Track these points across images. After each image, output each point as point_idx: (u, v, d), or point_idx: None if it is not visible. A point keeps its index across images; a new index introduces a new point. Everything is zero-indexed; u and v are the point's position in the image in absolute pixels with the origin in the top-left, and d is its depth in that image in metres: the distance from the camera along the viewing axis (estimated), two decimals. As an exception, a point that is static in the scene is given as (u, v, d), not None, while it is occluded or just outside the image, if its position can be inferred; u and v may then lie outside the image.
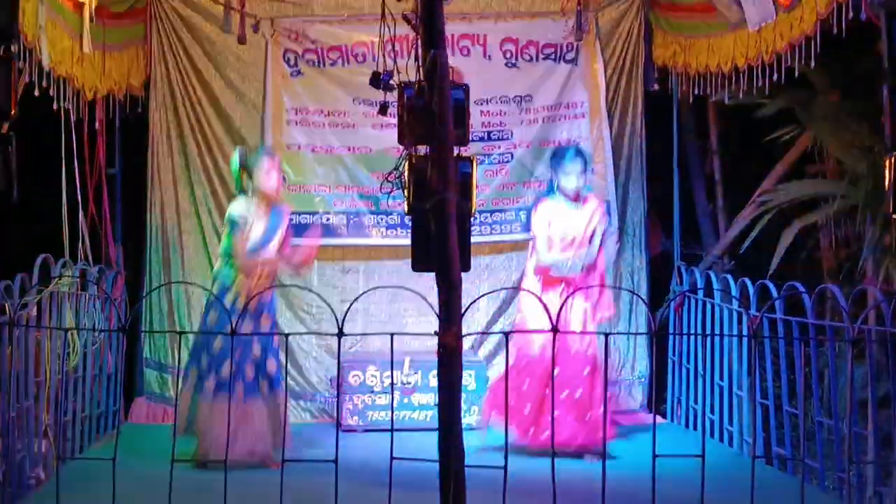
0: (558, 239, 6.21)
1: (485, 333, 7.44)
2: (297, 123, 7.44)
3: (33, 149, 6.92)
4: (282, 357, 6.02)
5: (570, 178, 6.22)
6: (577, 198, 6.27)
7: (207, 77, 7.44)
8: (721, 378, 6.61)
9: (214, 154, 7.42)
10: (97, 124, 6.86)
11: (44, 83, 5.89)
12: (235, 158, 6.00)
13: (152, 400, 7.37)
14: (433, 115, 3.77)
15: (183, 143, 7.44)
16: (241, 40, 7.27)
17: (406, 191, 4.12)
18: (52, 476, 5.09)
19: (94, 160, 6.87)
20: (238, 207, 5.92)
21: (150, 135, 7.43)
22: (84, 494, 4.57)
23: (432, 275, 3.76)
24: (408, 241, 3.97)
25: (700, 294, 6.87)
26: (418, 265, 3.91)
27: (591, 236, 6.24)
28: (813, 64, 5.90)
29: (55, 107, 6.18)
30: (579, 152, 6.36)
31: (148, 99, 7.40)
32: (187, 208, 7.46)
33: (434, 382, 6.63)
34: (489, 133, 7.56)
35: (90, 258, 6.74)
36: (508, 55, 7.56)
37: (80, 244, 6.62)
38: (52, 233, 6.47)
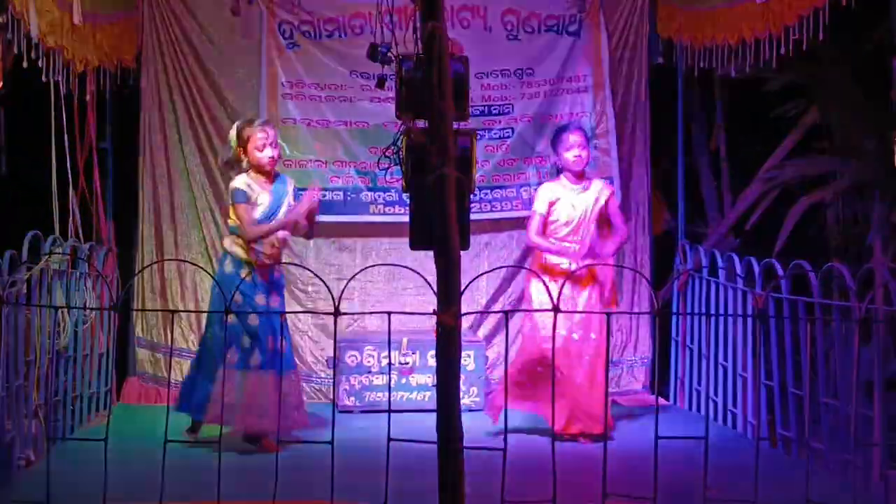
0: (563, 223, 6.07)
1: (484, 313, 7.36)
2: (292, 97, 7.33)
3: (22, 123, 6.86)
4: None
5: (573, 150, 6.08)
6: (581, 176, 6.13)
7: (200, 49, 7.31)
8: (725, 359, 6.55)
9: (207, 128, 7.31)
10: (88, 97, 6.74)
11: (33, 55, 5.82)
12: (233, 134, 5.88)
13: (145, 380, 7.28)
14: (432, 89, 3.69)
15: (175, 117, 7.32)
16: (236, 11, 7.14)
17: (404, 166, 4.06)
18: (43, 457, 5.02)
19: (85, 134, 6.79)
20: (240, 180, 5.80)
21: (142, 108, 7.31)
22: (75, 475, 4.51)
23: (431, 253, 3.68)
24: (406, 219, 3.91)
25: (704, 273, 6.79)
26: (416, 243, 3.85)
27: (597, 217, 6.10)
28: (821, 37, 5.79)
29: (45, 79, 6.09)
30: (579, 126, 6.24)
31: (140, 71, 7.27)
32: (180, 183, 7.34)
33: (432, 362, 6.54)
34: (489, 107, 7.45)
35: (81, 234, 6.65)
36: (509, 27, 7.44)
37: (71, 220, 6.53)
38: (42, 209, 6.38)
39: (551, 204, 6.09)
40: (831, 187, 7.10)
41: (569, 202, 6.09)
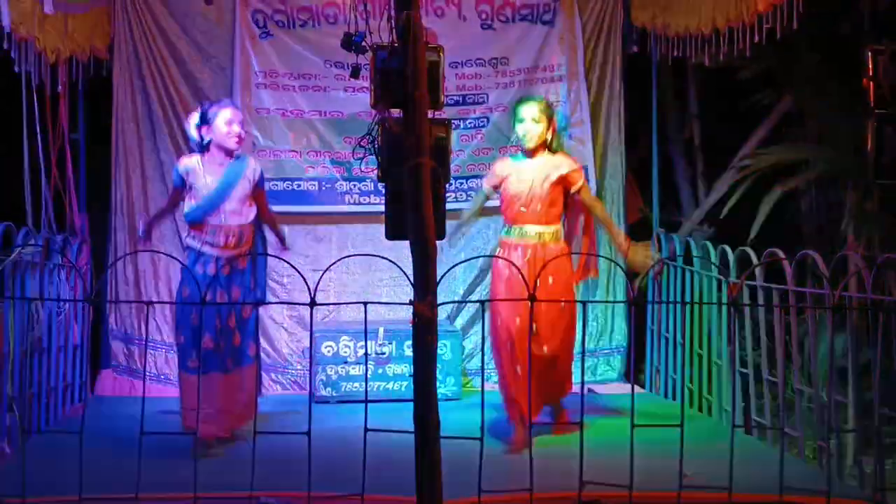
0: (512, 196, 5.75)
1: (460, 302, 7.36)
2: (266, 86, 7.30)
3: (-7, 113, 6.78)
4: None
5: (524, 124, 5.70)
6: (533, 153, 5.76)
7: (173, 38, 7.26)
8: (700, 347, 6.57)
9: (181, 118, 7.24)
10: (60, 88, 6.68)
11: (4, 45, 5.76)
12: (195, 115, 5.67)
13: (119, 372, 7.24)
14: (406, 79, 3.67)
15: (148, 107, 7.27)
16: (208, 1, 7.10)
17: (379, 156, 4.04)
18: (18, 450, 4.97)
19: (57, 125, 6.72)
20: (183, 162, 5.60)
21: (115, 98, 7.25)
22: (50, 468, 4.48)
23: (406, 243, 3.67)
24: (381, 208, 3.89)
25: (679, 261, 6.81)
26: (392, 233, 3.84)
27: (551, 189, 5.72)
28: (795, 25, 5.80)
29: (16, 69, 6.03)
30: (537, 99, 5.89)
31: (112, 61, 7.21)
32: (153, 174, 7.29)
33: (409, 352, 6.52)
34: (464, 97, 7.44)
35: (54, 226, 6.61)
36: (484, 16, 7.43)
37: (44, 212, 6.48)
38: (15, 200, 6.34)
39: (501, 179, 5.81)
40: (805, 175, 7.12)
41: (518, 174, 5.77)
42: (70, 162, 6.91)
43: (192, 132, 5.64)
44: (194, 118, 5.64)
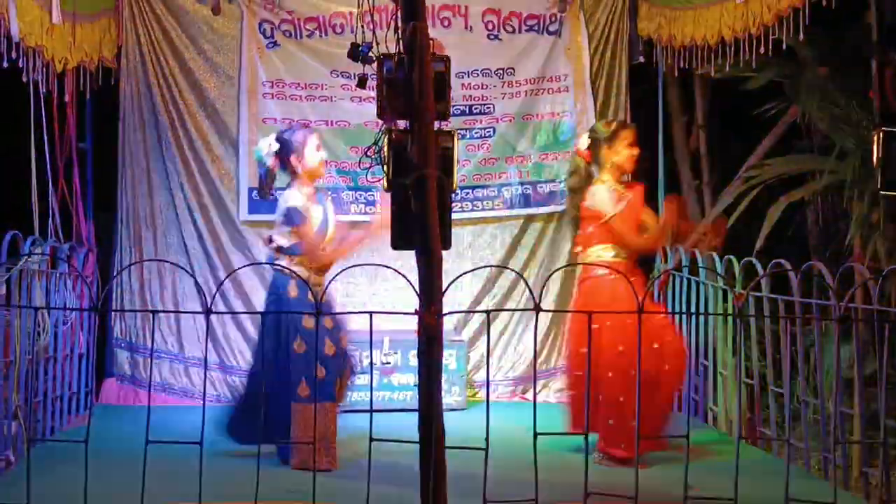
0: None
1: (466, 312, 7.34)
2: (272, 96, 7.32)
3: (1, 123, 6.80)
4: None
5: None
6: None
7: (181, 48, 7.29)
8: (706, 357, 6.55)
9: (188, 127, 7.28)
10: (67, 97, 6.70)
11: (13, 54, 5.76)
12: (268, 145, 5.45)
13: (123, 381, 7.24)
14: (413, 89, 3.67)
15: (155, 117, 7.29)
16: (216, 10, 7.16)
17: (385, 166, 4.04)
18: (23, 458, 4.98)
19: (65, 134, 6.74)
20: (296, 198, 5.27)
21: (121, 108, 7.28)
22: (55, 477, 4.48)
23: (412, 253, 3.67)
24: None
25: (685, 272, 6.80)
26: (398, 243, 3.83)
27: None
28: (801, 36, 5.81)
29: (24, 79, 6.04)
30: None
31: (119, 71, 7.23)
32: (159, 183, 7.31)
33: (414, 362, 6.52)
34: (470, 107, 7.45)
35: (60, 235, 6.61)
36: (490, 27, 7.45)
37: (51, 220, 6.48)
38: (22, 209, 6.33)
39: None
40: (811, 186, 7.11)
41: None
42: (77, 171, 6.93)
43: (268, 160, 5.45)
44: (271, 145, 5.45)
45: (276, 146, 5.44)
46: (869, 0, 5.94)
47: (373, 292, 7.40)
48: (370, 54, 4.63)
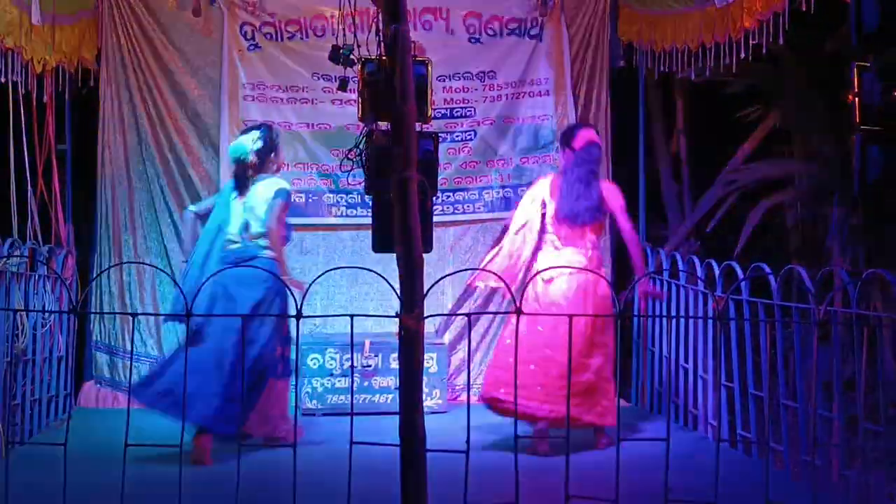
0: None
1: (447, 315, 7.34)
2: (254, 99, 7.30)
3: (-22, 124, 6.76)
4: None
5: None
6: None
7: (161, 50, 7.25)
8: (686, 361, 6.56)
9: (168, 129, 7.24)
10: (46, 98, 6.67)
11: (-9, 56, 5.75)
12: (259, 136, 5.72)
13: (102, 384, 7.20)
14: (394, 92, 3.67)
15: (135, 118, 7.25)
16: (196, 12, 7.11)
17: (366, 169, 4.04)
18: (1, 461, 4.94)
19: (44, 136, 6.71)
20: (285, 182, 5.83)
21: (101, 109, 7.23)
22: (34, 480, 4.45)
23: (393, 255, 3.67)
24: (368, 221, 3.89)
25: (665, 275, 6.81)
26: (379, 246, 3.84)
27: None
28: (781, 41, 5.83)
29: (2, 80, 6.05)
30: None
31: (99, 72, 7.20)
32: (139, 185, 7.27)
33: (395, 365, 6.53)
34: (451, 110, 7.45)
35: (39, 237, 6.57)
36: (472, 30, 7.45)
37: (29, 222, 6.46)
38: (0, 211, 6.28)
39: None
40: (790, 190, 7.14)
41: None
42: (56, 173, 6.89)
43: (251, 156, 5.70)
44: (256, 140, 5.70)
45: (260, 143, 5.59)
46: (848, 5, 5.97)
47: (353, 295, 7.38)
48: (351, 57, 4.63)
